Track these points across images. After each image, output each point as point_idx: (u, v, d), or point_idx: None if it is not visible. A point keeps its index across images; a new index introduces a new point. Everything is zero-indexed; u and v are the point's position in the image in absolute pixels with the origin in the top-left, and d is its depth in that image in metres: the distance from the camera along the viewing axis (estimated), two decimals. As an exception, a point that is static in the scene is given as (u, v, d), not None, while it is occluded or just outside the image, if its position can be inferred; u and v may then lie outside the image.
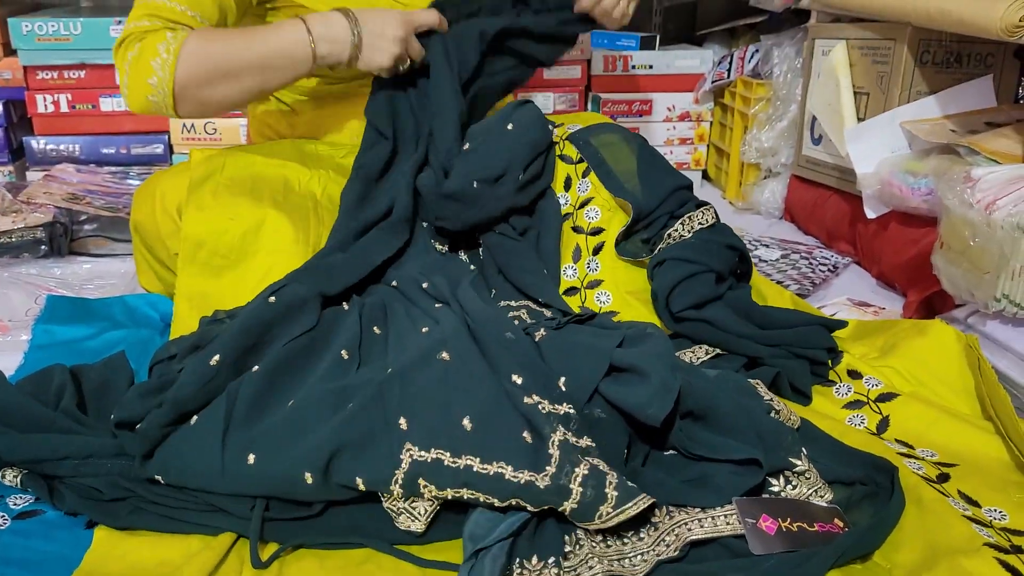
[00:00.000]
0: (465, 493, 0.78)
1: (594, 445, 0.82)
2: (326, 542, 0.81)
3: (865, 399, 1.04)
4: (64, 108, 1.84)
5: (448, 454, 0.78)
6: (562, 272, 1.18)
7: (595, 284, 1.16)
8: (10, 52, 1.82)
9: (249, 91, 1.16)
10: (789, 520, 0.79)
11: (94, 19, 1.79)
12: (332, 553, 0.80)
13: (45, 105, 1.83)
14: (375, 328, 0.98)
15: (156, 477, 0.84)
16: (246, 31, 1.15)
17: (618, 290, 1.16)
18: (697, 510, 0.81)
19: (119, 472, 0.85)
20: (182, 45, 1.10)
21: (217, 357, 0.87)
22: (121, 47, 1.12)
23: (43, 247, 1.43)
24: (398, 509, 0.81)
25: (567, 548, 0.77)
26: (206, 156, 1.21)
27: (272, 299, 0.95)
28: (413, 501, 0.81)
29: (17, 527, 0.82)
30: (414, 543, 0.81)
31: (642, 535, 0.79)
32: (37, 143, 1.84)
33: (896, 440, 0.98)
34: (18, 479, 0.87)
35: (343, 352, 0.91)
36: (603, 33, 2.05)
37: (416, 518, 0.80)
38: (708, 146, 2.13)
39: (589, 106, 2.08)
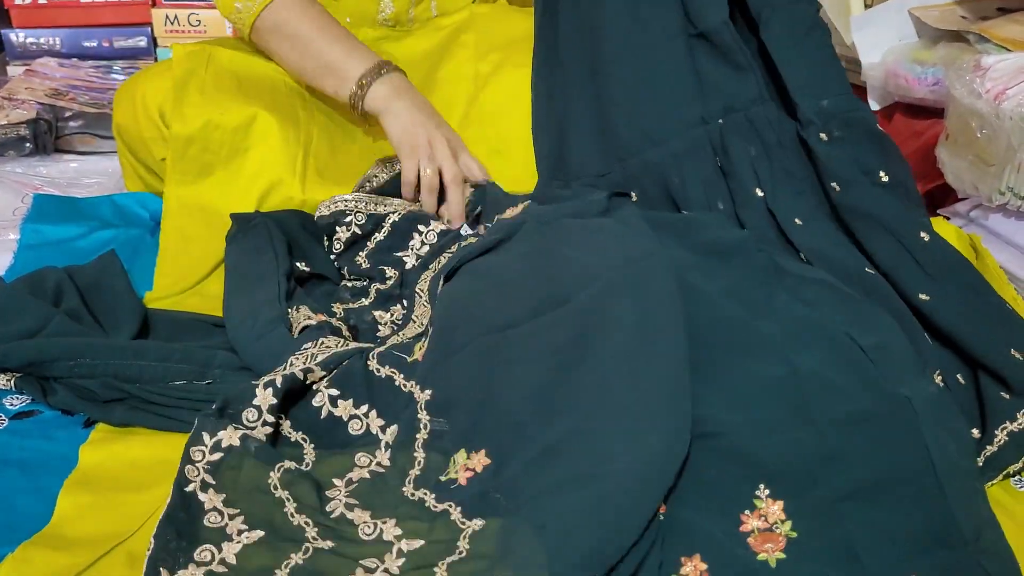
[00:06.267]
0: None
1: None
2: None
3: None
4: (42, -1, 1.77)
5: None
6: None
7: None
8: (-17, -60, 1.74)
9: (292, 70, 1.16)
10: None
11: (68, -98, 1.70)
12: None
13: (22, -5, 1.76)
14: None
15: None
16: (329, 27, 1.13)
17: None
18: None
19: (113, 373, 0.84)
20: None
21: None
22: None
23: (28, 145, 1.39)
24: None
25: None
26: (188, 52, 1.16)
27: None
28: None
29: (14, 427, 0.83)
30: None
31: None
32: (16, 36, 1.78)
33: None
34: (11, 382, 0.86)
35: None
36: None
37: None
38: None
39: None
